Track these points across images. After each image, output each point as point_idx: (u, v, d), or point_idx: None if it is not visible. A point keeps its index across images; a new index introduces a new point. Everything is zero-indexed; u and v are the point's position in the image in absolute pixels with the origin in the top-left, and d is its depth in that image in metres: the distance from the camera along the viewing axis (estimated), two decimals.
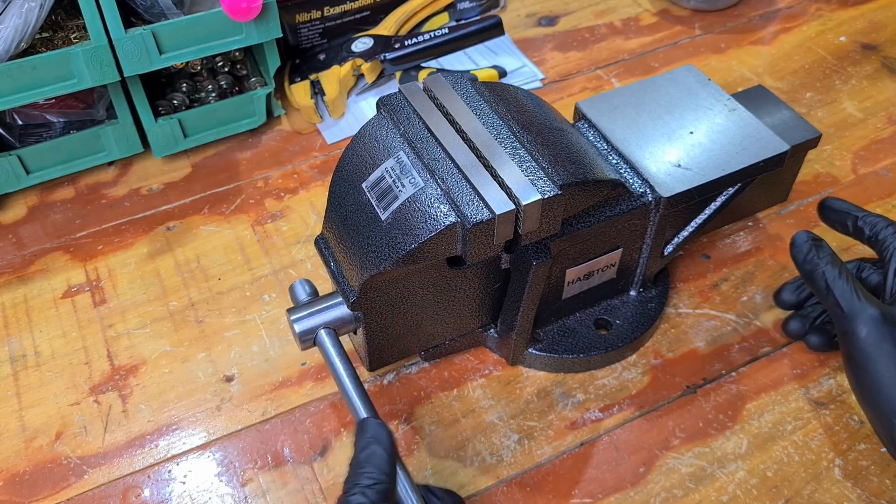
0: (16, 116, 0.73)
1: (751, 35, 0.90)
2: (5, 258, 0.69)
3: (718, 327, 0.63)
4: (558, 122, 0.56)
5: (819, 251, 0.54)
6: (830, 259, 0.54)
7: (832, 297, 0.52)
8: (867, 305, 0.51)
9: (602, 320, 0.62)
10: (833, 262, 0.53)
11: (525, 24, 0.93)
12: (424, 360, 0.60)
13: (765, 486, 0.54)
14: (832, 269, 0.53)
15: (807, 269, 0.54)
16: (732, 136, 0.60)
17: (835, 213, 0.59)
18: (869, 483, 0.54)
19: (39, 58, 0.65)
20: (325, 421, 0.58)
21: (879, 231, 0.55)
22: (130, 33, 0.67)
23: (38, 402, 0.59)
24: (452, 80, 0.55)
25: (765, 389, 0.59)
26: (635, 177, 0.57)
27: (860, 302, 0.51)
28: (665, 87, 0.64)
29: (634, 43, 0.90)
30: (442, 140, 0.51)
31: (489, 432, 0.57)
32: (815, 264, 0.54)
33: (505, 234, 0.48)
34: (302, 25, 0.84)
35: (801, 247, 0.55)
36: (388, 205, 0.49)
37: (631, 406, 0.58)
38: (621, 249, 0.58)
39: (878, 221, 0.56)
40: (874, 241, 0.56)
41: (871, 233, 0.56)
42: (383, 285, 0.51)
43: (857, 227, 0.57)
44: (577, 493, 0.54)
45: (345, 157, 0.54)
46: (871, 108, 0.81)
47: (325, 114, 0.82)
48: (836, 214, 0.58)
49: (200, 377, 0.60)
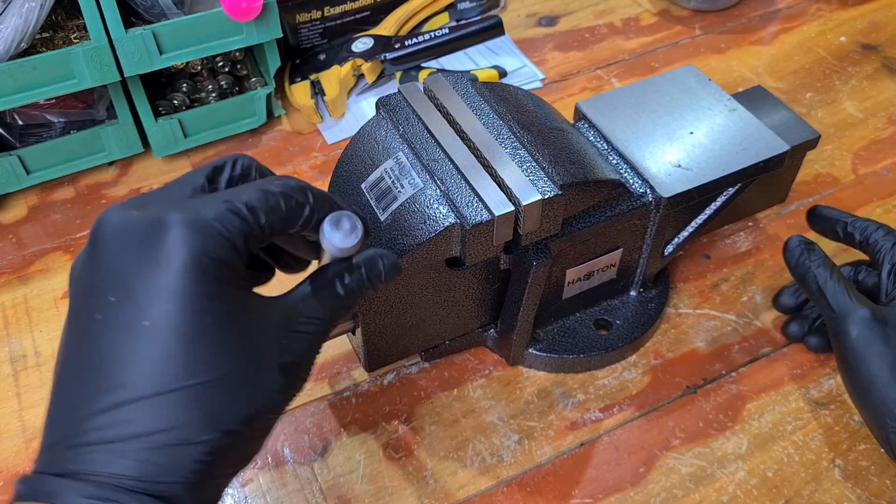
0: (16, 116, 0.73)
1: (751, 35, 0.90)
2: (5, 258, 0.69)
3: (718, 327, 0.63)
4: (558, 122, 0.56)
5: (811, 254, 0.55)
6: (822, 261, 0.54)
7: (824, 299, 0.53)
8: (858, 306, 0.51)
9: (602, 320, 0.62)
10: (825, 265, 0.54)
11: (525, 24, 0.93)
12: (424, 360, 0.60)
13: (765, 487, 0.54)
14: (824, 272, 0.54)
15: (799, 272, 0.55)
16: (732, 137, 0.60)
17: (825, 221, 0.59)
18: (869, 483, 0.54)
19: (39, 58, 0.65)
20: (325, 421, 0.58)
21: (870, 235, 0.56)
22: (130, 33, 0.67)
23: (38, 402, 0.59)
24: (453, 80, 0.55)
25: (765, 389, 0.59)
26: (635, 177, 0.57)
27: (851, 303, 0.52)
28: (665, 88, 0.64)
29: (634, 43, 0.90)
30: (441, 141, 0.51)
31: (489, 432, 0.57)
32: (807, 267, 0.54)
33: (504, 236, 0.48)
34: (302, 25, 0.84)
35: (793, 250, 0.56)
36: (388, 206, 0.49)
37: (631, 406, 0.58)
38: (621, 249, 0.58)
39: (868, 225, 0.56)
40: (865, 245, 0.56)
41: (862, 237, 0.56)
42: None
43: (847, 233, 0.57)
44: (577, 494, 0.54)
45: (344, 158, 0.54)
46: (871, 108, 0.81)
47: (325, 114, 0.82)
48: (826, 222, 0.59)
49: None
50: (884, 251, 0.55)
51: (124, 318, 0.30)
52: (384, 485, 0.54)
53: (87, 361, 0.30)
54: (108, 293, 0.31)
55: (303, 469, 0.55)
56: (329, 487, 0.54)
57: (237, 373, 0.31)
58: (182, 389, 0.29)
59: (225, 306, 0.31)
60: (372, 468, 0.55)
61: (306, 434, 0.57)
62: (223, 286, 0.31)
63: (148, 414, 0.29)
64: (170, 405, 0.29)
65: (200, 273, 0.30)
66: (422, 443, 0.56)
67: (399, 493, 0.54)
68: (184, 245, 0.30)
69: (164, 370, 0.29)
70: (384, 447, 0.56)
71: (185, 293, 0.30)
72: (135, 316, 0.30)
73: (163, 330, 0.30)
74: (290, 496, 0.54)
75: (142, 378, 0.29)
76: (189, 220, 0.31)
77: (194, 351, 0.30)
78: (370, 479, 0.54)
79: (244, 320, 0.32)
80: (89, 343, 0.31)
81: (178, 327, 0.30)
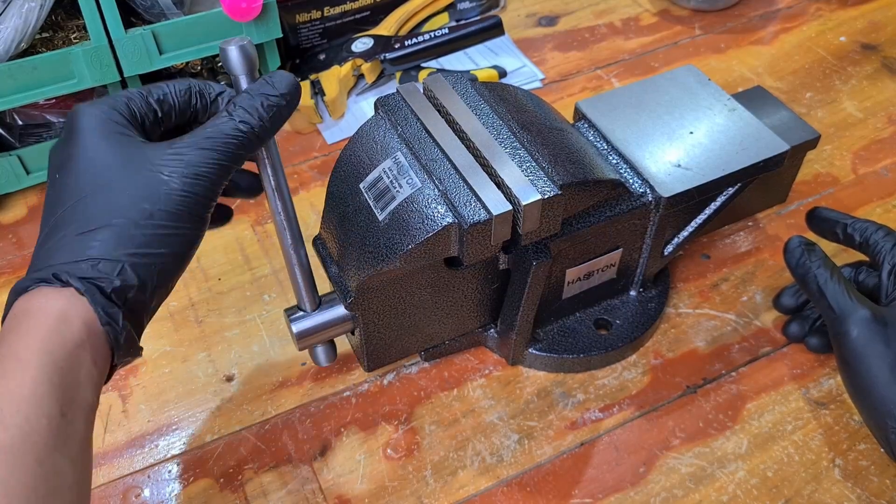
0: (16, 116, 0.73)
1: (751, 35, 0.90)
2: (5, 258, 0.69)
3: (718, 327, 0.63)
4: (558, 122, 0.56)
5: (811, 255, 0.55)
6: (822, 262, 0.54)
7: (824, 300, 0.53)
8: (858, 306, 0.52)
9: (602, 320, 0.62)
10: (825, 265, 0.54)
11: (525, 24, 0.93)
12: (424, 360, 0.60)
13: (765, 486, 0.54)
14: (824, 272, 0.54)
15: (799, 272, 0.55)
16: (732, 136, 0.60)
17: (824, 223, 0.59)
18: (869, 483, 0.54)
19: (39, 58, 0.65)
20: (325, 421, 0.58)
21: (869, 236, 0.56)
22: (130, 33, 0.67)
23: None
24: (452, 80, 0.55)
25: (765, 389, 0.59)
26: (635, 177, 0.57)
27: (851, 303, 0.52)
28: (665, 87, 0.64)
29: (634, 43, 0.90)
30: (439, 141, 0.51)
31: (489, 432, 0.57)
32: (807, 268, 0.54)
33: (502, 235, 0.48)
34: (302, 25, 0.84)
35: (793, 251, 0.56)
36: (386, 205, 0.49)
37: (631, 406, 0.58)
38: (621, 249, 0.58)
39: (868, 226, 0.56)
40: (865, 246, 0.56)
41: (862, 238, 0.56)
42: (380, 286, 0.51)
43: (847, 235, 0.57)
44: (577, 494, 0.54)
45: (342, 158, 0.54)
46: (871, 108, 0.81)
47: (325, 114, 0.82)
48: (825, 223, 0.59)
49: (200, 377, 0.60)
50: (884, 252, 0.55)
51: (64, 175, 0.41)
52: (384, 485, 0.54)
53: (49, 209, 0.41)
54: (59, 161, 0.42)
55: (303, 469, 0.55)
56: (329, 487, 0.54)
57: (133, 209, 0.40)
58: (107, 226, 0.40)
59: (120, 149, 0.41)
60: (372, 468, 0.55)
61: (306, 434, 0.57)
62: (116, 137, 0.41)
63: (86, 237, 0.40)
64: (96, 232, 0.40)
65: (98, 130, 0.41)
66: (422, 443, 0.56)
67: (399, 493, 0.54)
68: (83, 116, 0.42)
69: (88, 207, 0.40)
70: (384, 447, 0.56)
71: (87, 146, 0.41)
72: (70, 172, 0.41)
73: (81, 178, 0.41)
74: (290, 496, 0.54)
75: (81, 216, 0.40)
76: (89, 103, 0.43)
77: (103, 193, 0.40)
78: (370, 479, 0.54)
79: (139, 155, 0.41)
80: (51, 195, 0.42)
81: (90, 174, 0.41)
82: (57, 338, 0.37)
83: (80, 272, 0.38)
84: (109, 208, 0.40)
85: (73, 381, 0.38)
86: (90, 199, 0.40)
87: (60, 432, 0.36)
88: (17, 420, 0.35)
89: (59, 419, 0.36)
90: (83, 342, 0.38)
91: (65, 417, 0.37)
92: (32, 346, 0.37)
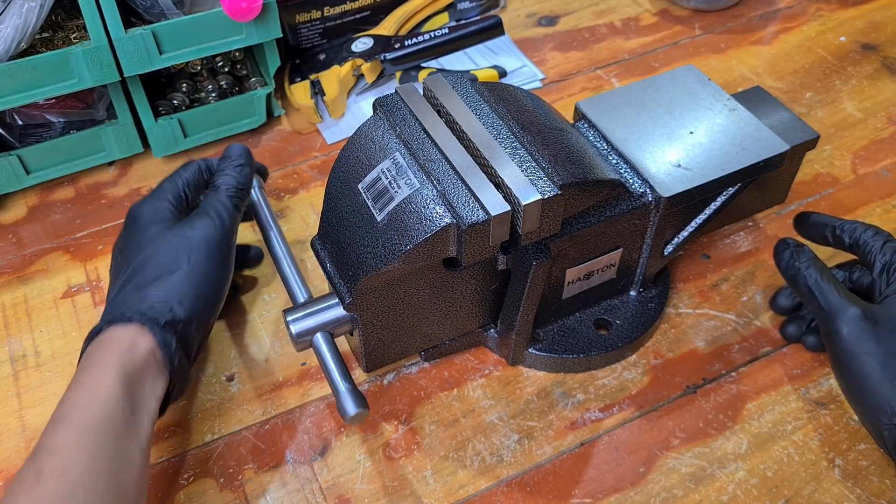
0: (16, 116, 0.73)
1: (751, 35, 0.90)
2: (5, 258, 0.69)
3: (718, 327, 0.63)
4: (558, 122, 0.56)
5: (800, 256, 0.55)
6: (812, 262, 0.55)
7: (815, 300, 0.53)
8: (848, 305, 0.52)
9: (602, 320, 0.62)
10: (814, 265, 0.54)
11: (525, 24, 0.93)
12: (424, 360, 0.60)
13: (765, 486, 0.54)
14: (813, 272, 0.54)
15: (790, 274, 0.56)
16: (732, 137, 0.60)
17: (813, 227, 0.60)
18: (869, 483, 0.54)
19: (39, 58, 0.65)
20: (325, 421, 0.58)
21: (859, 236, 0.56)
22: (130, 33, 0.67)
23: (38, 402, 0.59)
24: (452, 80, 0.55)
25: (765, 389, 0.59)
26: (635, 177, 0.57)
27: (841, 302, 0.52)
28: (665, 87, 0.64)
29: (634, 43, 0.90)
30: (438, 141, 0.51)
31: (489, 432, 0.57)
32: (796, 269, 0.55)
33: (501, 236, 0.48)
34: (302, 25, 0.84)
35: (782, 253, 0.56)
36: (384, 206, 0.49)
37: (631, 406, 0.58)
38: (621, 249, 0.58)
39: (857, 227, 0.57)
40: (856, 247, 0.57)
41: (851, 240, 0.57)
42: (379, 287, 0.51)
43: (836, 237, 0.58)
44: (577, 494, 0.54)
45: (341, 159, 0.54)
46: (871, 108, 0.81)
47: (325, 114, 0.82)
48: (814, 227, 0.59)
49: (200, 377, 0.60)
50: (874, 251, 0.55)
51: (126, 253, 0.54)
52: (384, 485, 0.54)
53: (114, 278, 0.54)
54: (121, 245, 0.56)
55: (303, 469, 0.55)
56: (329, 487, 0.54)
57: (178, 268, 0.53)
58: (157, 279, 0.52)
59: (160, 229, 0.54)
60: (372, 468, 0.55)
61: (306, 434, 0.57)
62: (157, 224, 0.55)
63: (150, 290, 0.51)
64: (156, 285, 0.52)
65: (149, 221, 0.55)
66: (422, 443, 0.56)
67: (399, 493, 0.54)
68: (136, 214, 0.56)
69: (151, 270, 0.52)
70: (384, 447, 0.56)
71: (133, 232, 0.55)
72: (128, 251, 0.54)
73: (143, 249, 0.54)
74: (290, 496, 0.54)
75: (149, 273, 0.52)
76: (138, 203, 0.57)
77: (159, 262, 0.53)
78: (370, 479, 0.54)
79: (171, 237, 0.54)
80: (114, 269, 0.55)
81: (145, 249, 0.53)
82: (127, 357, 0.48)
83: (141, 311, 0.49)
84: (158, 268, 0.52)
85: (140, 392, 0.48)
86: (144, 264, 0.52)
87: (130, 425, 0.46)
88: (98, 409, 0.45)
89: (130, 416, 0.46)
90: (148, 363, 0.48)
91: (134, 416, 0.47)
92: (109, 360, 0.47)
